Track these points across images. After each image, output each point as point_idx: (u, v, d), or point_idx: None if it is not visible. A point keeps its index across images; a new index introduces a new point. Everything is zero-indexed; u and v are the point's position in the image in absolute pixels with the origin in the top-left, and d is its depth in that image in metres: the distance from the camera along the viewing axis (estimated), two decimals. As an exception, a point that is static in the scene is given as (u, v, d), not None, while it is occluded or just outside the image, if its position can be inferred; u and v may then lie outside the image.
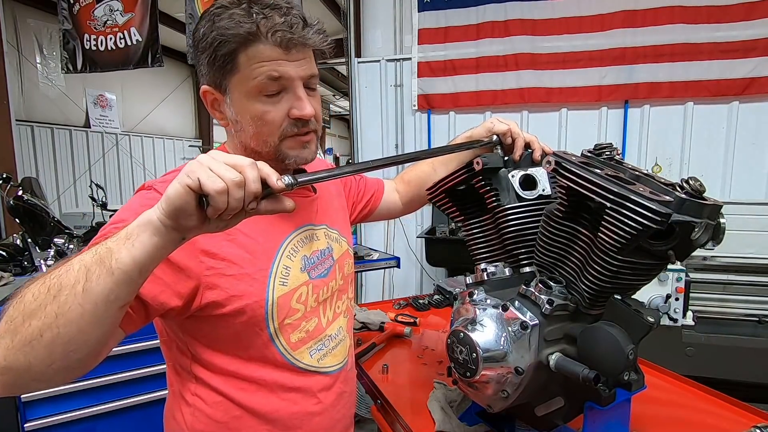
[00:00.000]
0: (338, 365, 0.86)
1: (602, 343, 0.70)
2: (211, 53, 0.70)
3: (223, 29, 0.67)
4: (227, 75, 0.71)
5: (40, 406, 1.66)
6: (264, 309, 0.73)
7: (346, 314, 0.91)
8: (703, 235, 0.60)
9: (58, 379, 0.53)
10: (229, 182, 0.48)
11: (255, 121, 0.72)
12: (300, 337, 0.79)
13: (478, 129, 0.99)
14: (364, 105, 3.70)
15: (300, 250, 0.80)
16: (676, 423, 1.00)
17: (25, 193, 2.48)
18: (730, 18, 2.81)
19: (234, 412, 0.77)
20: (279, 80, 0.70)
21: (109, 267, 0.49)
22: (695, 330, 2.24)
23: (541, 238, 0.80)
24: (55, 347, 0.49)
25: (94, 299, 0.49)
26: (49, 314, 0.49)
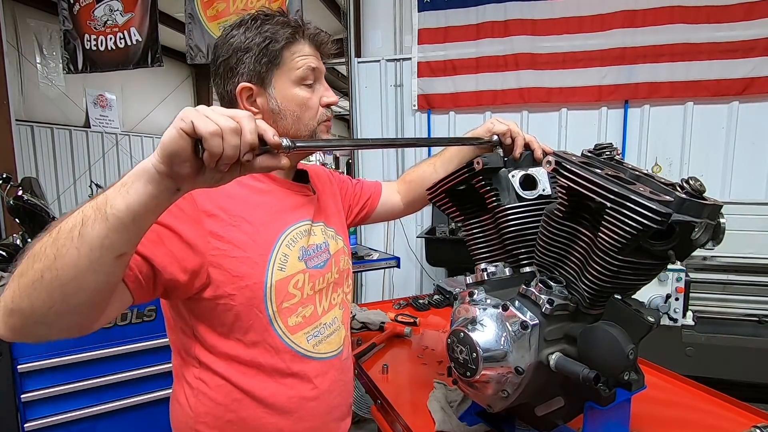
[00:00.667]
0: (333, 352, 0.91)
1: (602, 343, 0.70)
2: (257, 52, 0.81)
3: (272, 31, 0.81)
4: (273, 68, 0.82)
5: (40, 407, 1.66)
6: (263, 291, 0.78)
7: (342, 306, 0.96)
8: (703, 235, 0.60)
9: (61, 324, 0.55)
10: (224, 127, 0.49)
11: (300, 106, 0.84)
12: (297, 321, 0.84)
13: (479, 129, 1.01)
14: (364, 105, 3.70)
15: (298, 241, 0.85)
16: (676, 423, 1.00)
17: (25, 193, 2.48)
18: (730, 18, 2.81)
19: (234, 395, 0.81)
20: (314, 71, 0.85)
21: (104, 213, 0.50)
22: (695, 330, 2.24)
23: (541, 238, 0.80)
24: (54, 289, 0.51)
25: (89, 243, 0.50)
26: (49, 256, 0.51)
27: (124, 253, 0.54)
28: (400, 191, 1.22)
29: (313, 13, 5.22)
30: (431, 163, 1.17)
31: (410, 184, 1.20)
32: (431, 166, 1.16)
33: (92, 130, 6.34)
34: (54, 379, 1.68)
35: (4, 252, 2.44)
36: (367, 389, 1.22)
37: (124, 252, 0.54)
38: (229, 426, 0.82)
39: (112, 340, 1.77)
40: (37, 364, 1.63)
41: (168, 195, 0.52)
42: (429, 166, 1.17)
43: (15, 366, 1.61)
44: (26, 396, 1.62)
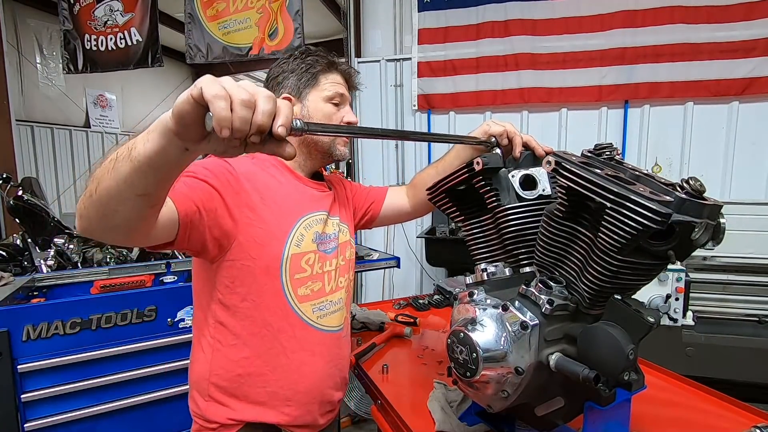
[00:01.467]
0: (334, 327, 1.04)
1: (602, 343, 0.70)
2: (300, 74, 1.04)
3: (313, 60, 1.04)
4: (309, 87, 1.04)
5: (40, 407, 1.66)
6: (280, 261, 0.93)
7: (347, 291, 1.10)
8: (703, 235, 0.60)
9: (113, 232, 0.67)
10: (234, 95, 0.48)
11: (325, 116, 1.03)
12: (305, 293, 0.98)
13: (475, 132, 1.03)
14: (364, 105, 3.70)
15: (314, 227, 1.01)
16: (676, 423, 1.00)
17: (25, 193, 2.48)
18: (730, 18, 2.81)
19: (244, 353, 0.95)
20: (342, 96, 1.06)
21: (129, 155, 0.57)
22: (695, 330, 2.24)
23: (541, 238, 0.80)
24: (99, 206, 0.62)
25: (117, 178, 0.58)
26: (97, 178, 0.61)
27: (146, 194, 0.61)
28: (408, 195, 1.28)
29: (313, 13, 5.21)
30: (434, 167, 1.21)
31: (416, 187, 1.24)
32: (434, 169, 1.20)
33: (92, 130, 6.34)
34: (54, 379, 1.68)
35: (4, 252, 2.44)
36: (367, 389, 1.22)
37: (145, 193, 0.60)
38: (238, 379, 0.95)
39: (112, 340, 1.77)
40: (37, 364, 1.63)
41: (177, 152, 0.56)
42: (433, 170, 1.20)
43: (15, 366, 1.61)
44: (26, 396, 1.62)
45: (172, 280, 2.14)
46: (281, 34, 3.60)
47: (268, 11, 3.58)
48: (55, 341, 1.67)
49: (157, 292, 1.89)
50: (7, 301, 1.72)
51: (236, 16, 3.70)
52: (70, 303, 1.72)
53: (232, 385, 0.95)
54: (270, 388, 0.96)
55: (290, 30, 3.55)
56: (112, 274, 2.12)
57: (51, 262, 2.24)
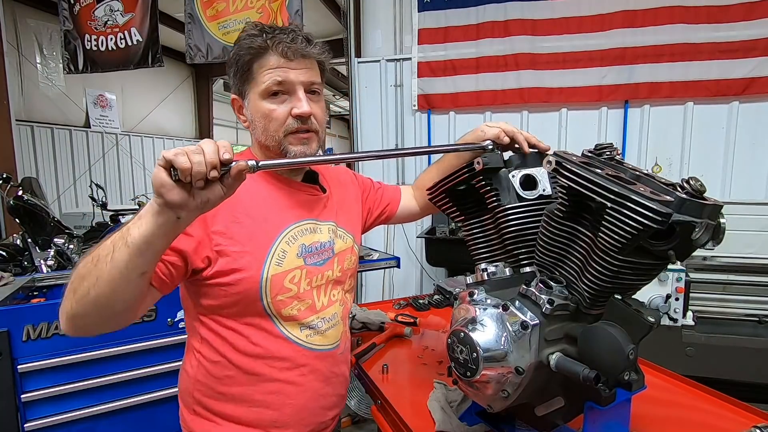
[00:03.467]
0: (329, 345, 0.97)
1: (602, 343, 0.70)
2: (235, 67, 0.90)
3: (243, 47, 0.88)
4: (245, 83, 0.90)
5: (40, 407, 1.66)
6: (258, 284, 0.86)
7: (342, 303, 1.01)
8: (703, 235, 0.60)
9: (107, 323, 0.72)
10: (187, 149, 0.59)
11: (264, 117, 0.89)
12: (291, 313, 0.90)
13: (467, 137, 1.01)
14: (364, 105, 3.70)
15: (299, 239, 0.92)
16: (676, 423, 1.00)
17: (25, 193, 2.48)
18: (730, 18, 2.81)
19: (228, 371, 0.90)
20: (283, 84, 0.87)
21: (126, 241, 0.64)
22: (695, 330, 2.24)
23: (541, 237, 0.80)
24: (99, 301, 0.67)
25: (118, 266, 0.65)
26: (92, 277, 0.66)
27: (146, 272, 0.68)
28: (416, 196, 1.25)
29: (313, 13, 5.22)
30: (436, 167, 1.18)
31: (422, 189, 1.18)
32: (436, 169, 1.17)
33: (92, 130, 6.35)
34: (54, 379, 1.68)
35: (4, 252, 2.44)
36: (367, 389, 1.22)
37: (146, 271, 0.67)
38: (222, 397, 0.91)
39: (112, 340, 1.77)
40: (37, 364, 1.63)
41: (171, 223, 0.63)
42: (434, 169, 1.18)
43: (15, 366, 1.61)
44: (26, 396, 1.62)
45: (172, 280, 2.14)
46: (281, 34, 3.59)
47: (267, 11, 3.58)
48: (55, 341, 1.67)
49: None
50: (7, 301, 1.72)
51: (236, 16, 3.70)
52: (70, 303, 1.71)
53: (218, 402, 0.91)
54: (255, 408, 0.91)
55: (290, 30, 3.54)
56: (112, 274, 2.12)
57: (51, 262, 2.24)
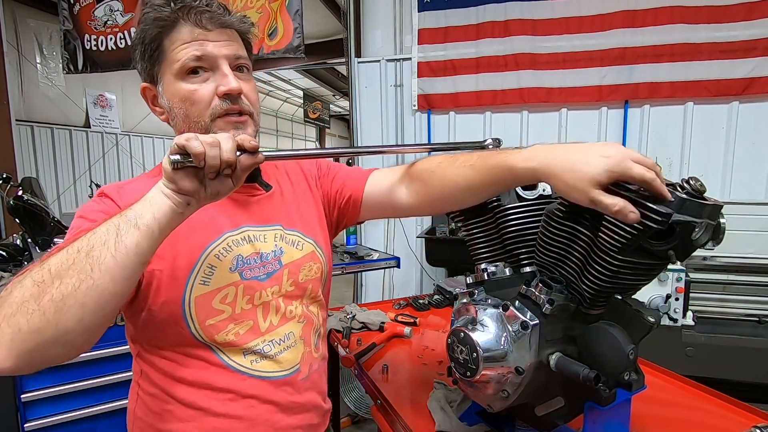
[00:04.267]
0: (284, 372, 0.81)
1: (603, 343, 0.70)
2: (141, 46, 0.76)
3: (147, 20, 0.74)
4: (156, 64, 0.76)
5: (40, 407, 1.66)
6: (181, 308, 0.74)
7: (303, 320, 0.85)
8: (703, 236, 0.60)
9: (80, 340, 0.56)
10: (202, 138, 0.57)
11: (184, 102, 0.75)
12: (228, 339, 0.76)
13: (612, 170, 0.59)
14: (364, 105, 3.70)
15: (234, 250, 0.78)
16: (676, 423, 1.00)
17: (25, 193, 2.48)
18: (730, 18, 2.81)
19: (166, 405, 0.77)
20: (202, 59, 0.74)
21: (136, 224, 0.58)
22: (695, 330, 2.24)
23: (541, 237, 0.80)
24: (90, 298, 0.54)
25: (125, 250, 0.56)
26: (85, 268, 0.54)
27: (147, 261, 0.61)
28: (411, 189, 0.87)
29: (313, 14, 5.21)
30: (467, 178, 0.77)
31: (422, 180, 0.85)
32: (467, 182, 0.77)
33: (92, 130, 6.34)
34: (54, 379, 1.68)
35: (4, 252, 2.44)
36: (367, 389, 1.22)
37: (147, 260, 0.61)
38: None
39: (112, 340, 1.77)
40: (37, 364, 1.63)
41: (182, 209, 0.60)
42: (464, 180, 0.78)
43: (15, 366, 1.61)
44: (26, 396, 1.62)
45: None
46: (280, 34, 3.60)
47: (267, 11, 3.58)
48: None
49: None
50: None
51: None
52: (70, 303, 1.71)
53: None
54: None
55: (290, 30, 3.55)
56: (112, 274, 2.12)
57: (51, 262, 2.24)
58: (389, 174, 0.91)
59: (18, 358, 0.53)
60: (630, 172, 0.58)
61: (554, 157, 0.63)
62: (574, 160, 0.61)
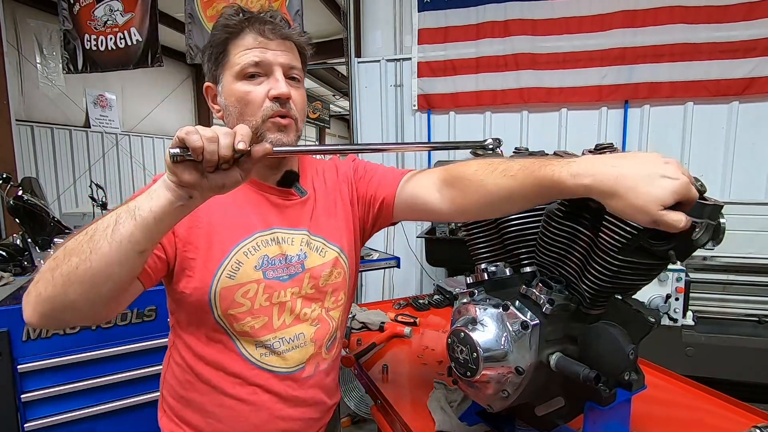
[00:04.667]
0: (288, 369, 0.87)
1: (603, 343, 0.70)
2: (210, 49, 0.86)
3: (218, 27, 0.84)
4: (220, 66, 0.85)
5: (40, 407, 1.66)
6: (207, 295, 0.81)
7: (318, 323, 0.90)
8: (703, 236, 0.60)
9: (86, 311, 0.65)
10: (202, 131, 0.58)
11: (239, 101, 0.83)
12: (244, 329, 0.84)
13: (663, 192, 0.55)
14: (364, 105, 3.70)
15: (261, 250, 0.85)
16: (676, 423, 1.00)
17: (25, 193, 2.48)
18: (730, 18, 2.81)
19: (188, 377, 0.87)
20: (260, 65, 0.82)
21: (133, 214, 0.61)
22: (695, 330, 2.24)
23: (541, 237, 0.80)
24: (86, 277, 0.61)
25: (119, 238, 0.60)
26: (85, 250, 0.61)
27: (145, 250, 0.64)
28: (444, 195, 0.83)
29: (313, 13, 5.22)
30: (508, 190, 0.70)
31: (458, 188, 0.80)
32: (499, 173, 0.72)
33: (92, 130, 6.34)
34: (54, 379, 1.67)
35: (4, 252, 2.44)
36: (367, 389, 1.22)
37: (145, 249, 0.63)
38: (182, 401, 0.89)
39: (112, 340, 1.77)
40: (37, 364, 1.63)
41: (183, 201, 0.61)
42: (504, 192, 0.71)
43: (15, 366, 1.61)
44: (26, 396, 1.62)
45: (172, 280, 2.13)
46: (281, 34, 3.60)
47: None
48: (55, 341, 1.67)
49: (157, 292, 1.87)
50: (7, 301, 1.72)
51: (236, 16, 3.69)
52: (70, 303, 1.71)
53: (179, 405, 0.89)
54: (209, 420, 0.87)
55: (290, 30, 3.54)
56: (112, 274, 2.12)
57: (51, 262, 2.23)
58: (423, 178, 0.90)
59: (39, 318, 0.64)
60: (692, 195, 0.56)
61: (611, 175, 0.57)
62: (635, 178, 0.55)
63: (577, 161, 0.61)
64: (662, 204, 0.54)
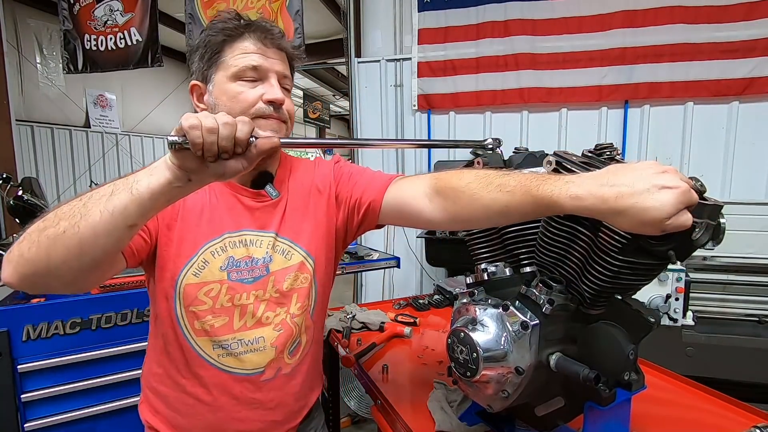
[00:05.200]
0: (245, 371, 0.88)
1: (603, 343, 0.70)
2: (203, 49, 0.87)
3: (215, 28, 0.86)
4: (212, 66, 0.87)
5: (40, 407, 1.66)
6: (174, 289, 0.84)
7: (280, 328, 0.89)
8: (703, 236, 0.60)
9: (66, 277, 0.64)
10: (204, 123, 0.58)
11: (230, 99, 0.85)
12: (203, 327, 0.85)
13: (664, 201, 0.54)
14: (364, 105, 3.70)
15: (228, 251, 0.87)
16: (676, 423, 1.00)
17: (25, 193, 2.47)
18: (730, 18, 2.81)
19: (156, 369, 0.91)
20: (257, 69, 0.85)
21: (130, 187, 0.62)
22: (695, 330, 2.24)
23: (541, 237, 0.80)
24: (72, 244, 0.61)
25: (112, 208, 0.61)
26: (74, 216, 0.61)
27: (135, 225, 0.64)
28: (436, 203, 0.81)
29: (313, 13, 5.22)
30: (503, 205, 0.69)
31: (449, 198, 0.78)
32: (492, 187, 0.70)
33: (92, 130, 6.34)
34: (54, 379, 1.67)
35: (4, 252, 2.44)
36: (367, 389, 1.22)
37: (135, 223, 0.64)
38: (154, 392, 0.92)
39: (112, 340, 1.77)
40: (37, 364, 1.63)
41: (181, 183, 0.62)
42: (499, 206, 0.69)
43: (15, 366, 1.61)
44: (26, 396, 1.62)
45: (172, 280, 2.13)
46: (281, 34, 3.60)
47: (268, 11, 3.58)
48: (55, 341, 1.67)
49: (157, 292, 1.88)
50: (7, 301, 1.72)
51: (236, 16, 3.69)
52: (70, 303, 1.71)
53: (152, 395, 0.93)
54: (174, 414, 0.89)
55: (290, 30, 3.55)
56: (112, 274, 2.12)
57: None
58: (413, 184, 0.87)
59: (19, 279, 0.64)
60: (693, 200, 0.56)
61: (611, 196, 0.55)
62: (634, 195, 0.54)
63: (575, 181, 0.60)
64: (667, 216, 0.54)
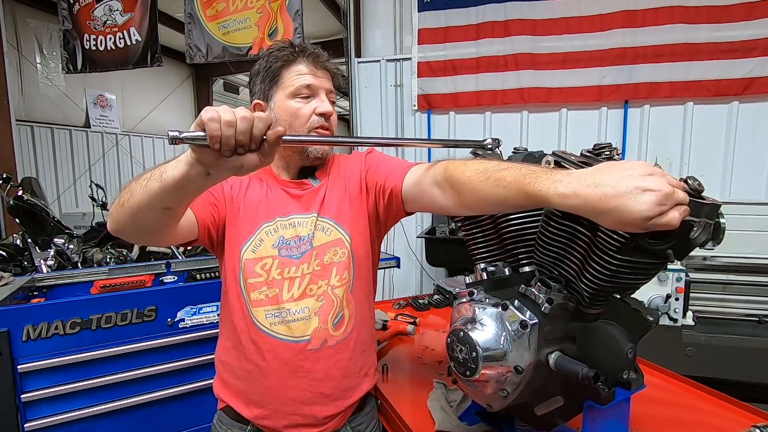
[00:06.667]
0: (295, 338, 0.97)
1: (601, 342, 0.70)
2: (264, 73, 1.03)
3: (274, 56, 1.02)
4: (273, 86, 1.02)
5: (40, 407, 1.66)
6: (238, 263, 0.99)
7: (322, 299, 1.00)
8: (701, 235, 0.60)
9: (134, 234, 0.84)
10: (223, 117, 0.62)
11: (291, 115, 1.00)
12: (259, 297, 0.98)
13: None
14: (364, 105, 3.70)
15: (280, 231, 1.01)
16: (675, 423, 1.00)
17: (25, 193, 2.48)
18: (730, 18, 2.81)
19: (227, 342, 1.04)
20: (310, 88, 1.01)
21: (160, 176, 0.72)
22: (695, 330, 2.24)
23: (540, 237, 0.80)
24: (130, 212, 0.77)
25: (147, 192, 0.74)
26: (133, 192, 0.76)
27: (169, 207, 0.76)
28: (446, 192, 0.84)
29: (313, 13, 5.22)
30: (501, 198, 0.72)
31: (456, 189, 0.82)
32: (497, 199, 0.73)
33: (92, 130, 6.35)
34: (54, 379, 1.68)
35: (4, 252, 2.44)
36: (366, 389, 1.22)
37: (168, 206, 0.76)
38: (223, 364, 1.05)
39: (112, 340, 1.77)
40: (37, 364, 1.63)
41: (201, 176, 0.69)
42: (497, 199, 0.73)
43: (15, 366, 1.61)
44: (26, 396, 1.62)
45: (172, 280, 2.14)
46: (281, 34, 3.61)
47: (267, 11, 3.59)
48: (55, 341, 1.67)
49: (157, 292, 1.89)
50: (7, 301, 1.73)
51: (236, 15, 3.70)
52: (70, 303, 1.72)
53: (221, 367, 1.06)
54: (239, 381, 1.01)
55: (290, 30, 3.56)
56: (112, 274, 2.12)
57: (51, 262, 2.24)
58: (427, 173, 0.91)
59: (112, 227, 0.82)
60: (680, 200, 0.57)
61: (595, 196, 0.57)
62: (617, 196, 0.56)
63: (564, 180, 0.61)
64: (646, 218, 0.55)
